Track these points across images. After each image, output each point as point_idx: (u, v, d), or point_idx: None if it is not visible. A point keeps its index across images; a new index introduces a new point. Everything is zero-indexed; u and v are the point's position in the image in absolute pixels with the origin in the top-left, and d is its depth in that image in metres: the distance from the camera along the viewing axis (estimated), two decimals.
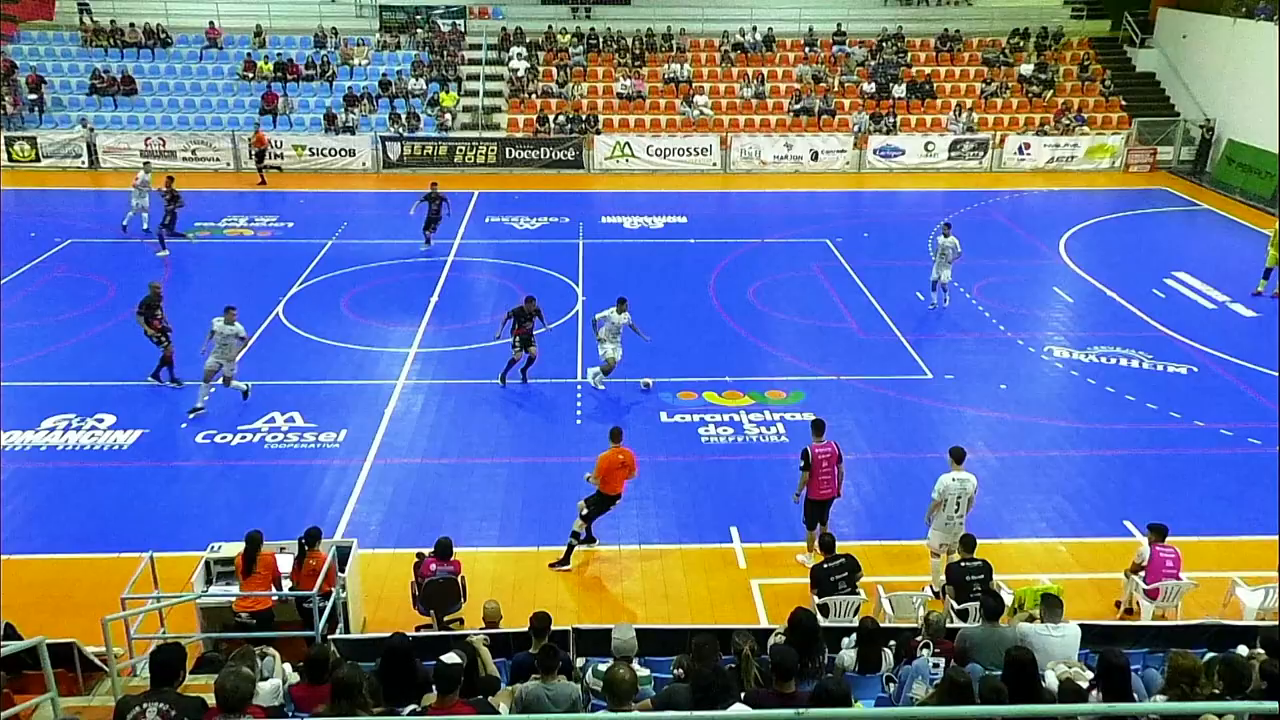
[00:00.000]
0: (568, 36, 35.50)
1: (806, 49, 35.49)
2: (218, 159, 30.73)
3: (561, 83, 33.83)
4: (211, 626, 10.13)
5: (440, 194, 23.63)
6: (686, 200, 29.02)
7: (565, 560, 12.25)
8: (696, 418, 16.07)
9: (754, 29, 35.76)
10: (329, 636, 9.12)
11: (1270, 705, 4.83)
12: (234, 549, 10.11)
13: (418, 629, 10.37)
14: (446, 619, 10.53)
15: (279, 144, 31.03)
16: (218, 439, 15.14)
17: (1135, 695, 6.96)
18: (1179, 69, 34.56)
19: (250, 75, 33.16)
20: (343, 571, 10.22)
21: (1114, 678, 6.68)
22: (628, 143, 32.01)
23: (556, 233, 25.87)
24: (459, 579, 10.57)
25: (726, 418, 16.07)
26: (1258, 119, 30.22)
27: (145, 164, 26.58)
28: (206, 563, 10.44)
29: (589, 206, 28.53)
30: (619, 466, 12.20)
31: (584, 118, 32.57)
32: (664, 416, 16.14)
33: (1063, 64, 35.27)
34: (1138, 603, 11.09)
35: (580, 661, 8.61)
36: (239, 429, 15.39)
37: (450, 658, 6.82)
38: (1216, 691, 6.50)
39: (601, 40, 35.54)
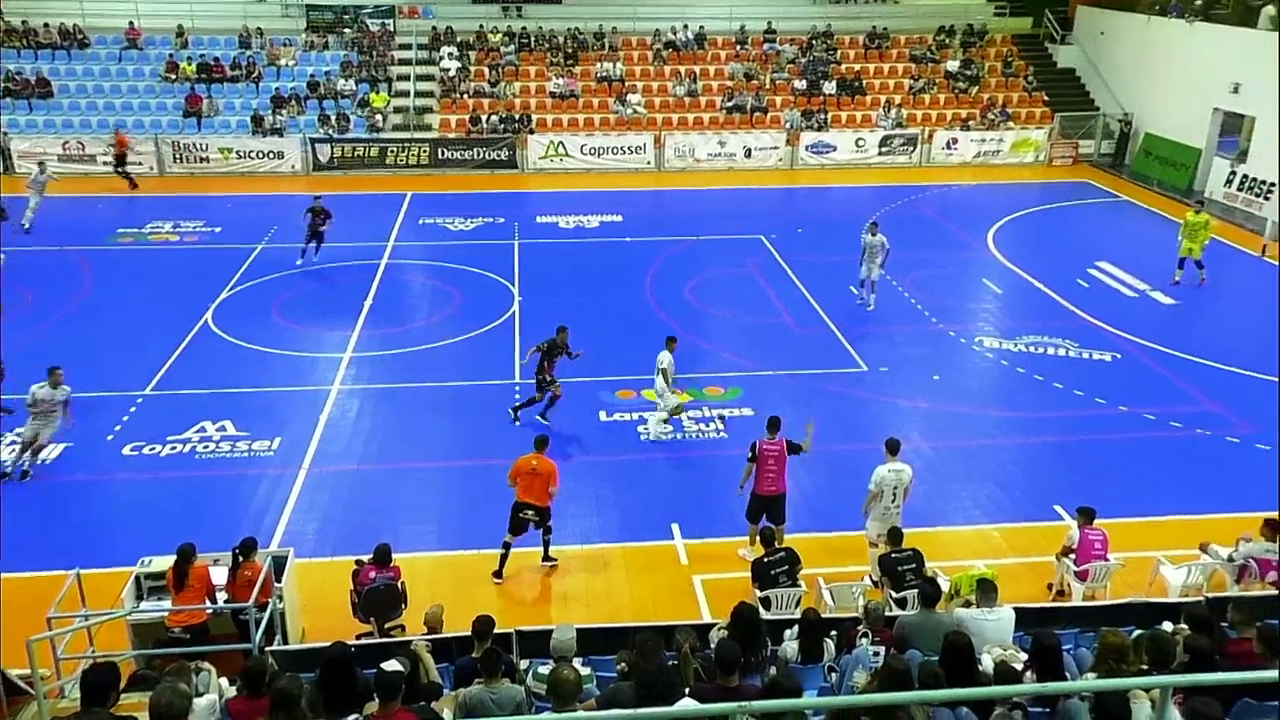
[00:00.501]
0: (499, 36, 35.29)
1: (738, 47, 35.74)
2: (140, 163, 29.95)
3: (494, 82, 33.63)
4: (143, 644, 9.87)
5: (324, 208, 22.25)
6: (621, 199, 29.04)
7: (498, 571, 12.07)
8: (635, 416, 16.09)
9: (685, 27, 35.91)
10: (267, 648, 8.95)
11: (1193, 678, 5.00)
12: (165, 563, 9.88)
13: (358, 637, 10.22)
14: (387, 626, 10.42)
15: (204, 146, 30.38)
16: (146, 450, 14.77)
17: (1067, 674, 7.13)
18: (1097, 65, 35.49)
19: (173, 77, 32.39)
20: (279, 581, 10.05)
21: (1047, 658, 6.85)
22: (561, 142, 31.93)
23: (491, 233, 25.71)
24: (399, 585, 10.46)
25: (669, 416, 16.09)
26: (1172, 113, 31.17)
27: (40, 163, 25.82)
28: (137, 578, 10.19)
29: (523, 206, 28.40)
30: (527, 471, 11.94)
31: (517, 117, 32.40)
32: (603, 416, 16.14)
33: (987, 60, 36.00)
34: (1069, 584, 11.37)
35: (524, 664, 8.58)
36: (168, 439, 15.03)
37: (391, 665, 6.75)
38: (1144, 667, 6.70)
39: (533, 39, 35.40)
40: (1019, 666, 7.18)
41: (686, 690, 6.85)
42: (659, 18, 36.26)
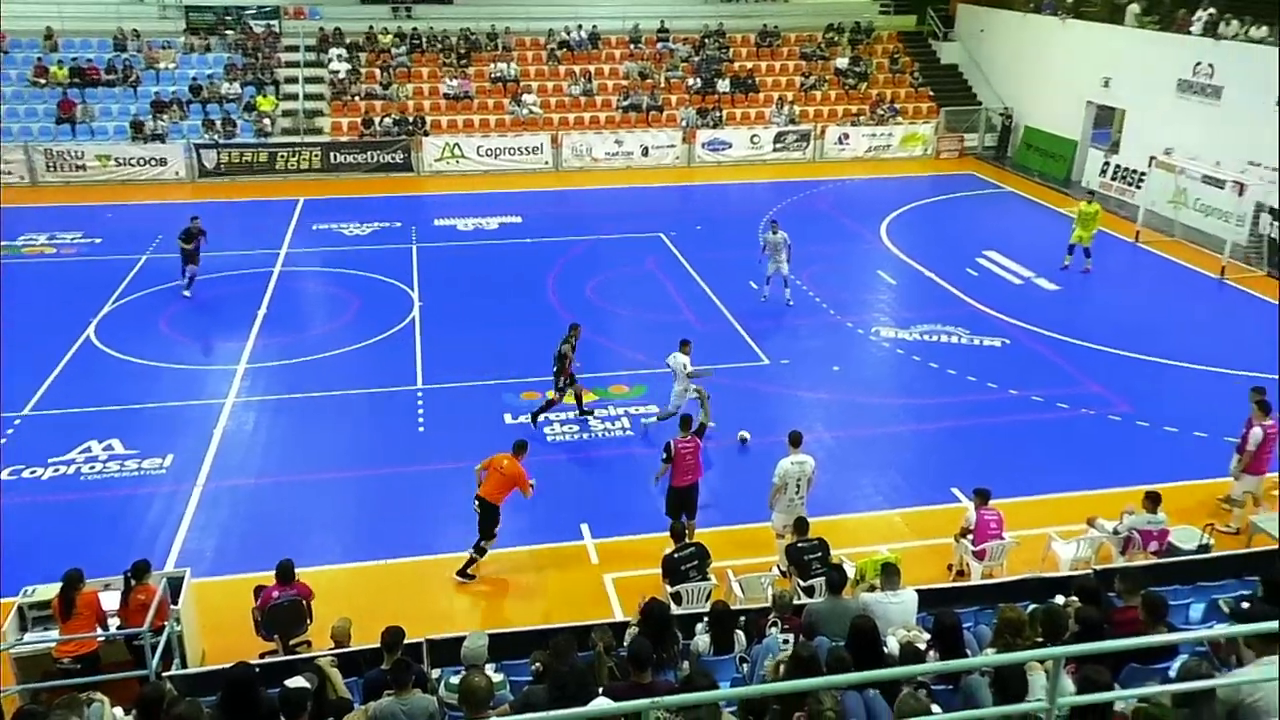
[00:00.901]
0: (389, 37, 34.71)
1: (632, 46, 35.87)
2: (10, 172, 28.57)
3: (385, 84, 33.07)
4: (29, 677, 9.42)
5: (200, 229, 20.72)
6: (520, 200, 28.87)
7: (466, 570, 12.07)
8: (541, 417, 16.01)
9: (579, 27, 35.88)
10: (164, 674, 8.63)
11: (1083, 647, 5.21)
12: (50, 591, 9.45)
13: (262, 656, 9.95)
14: (292, 643, 10.15)
15: (80, 154, 29.14)
16: (26, 474, 14.10)
17: (968, 651, 7.36)
18: (979, 61, 36.69)
19: (43, 81, 30.98)
20: (176, 604, 9.70)
21: (948, 637, 7.06)
22: (457, 144, 31.58)
23: (388, 238, 25.28)
24: (303, 601, 10.21)
25: (572, 414, 16.09)
26: (1049, 107, 32.39)
27: None
28: (20, 608, 9.72)
29: (421, 209, 28.00)
30: (495, 469, 12.03)
31: (411, 119, 31.93)
32: (508, 418, 16.03)
33: (875, 57, 36.87)
34: (967, 564, 11.73)
35: (436, 673, 8.47)
36: (50, 462, 14.38)
37: (295, 682, 6.59)
38: (1039, 639, 6.96)
39: (425, 40, 34.91)
40: (923, 646, 7.38)
41: (600, 690, 6.86)
42: (552, 18, 36.15)
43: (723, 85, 34.63)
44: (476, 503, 12.00)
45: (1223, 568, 10.21)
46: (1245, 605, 7.77)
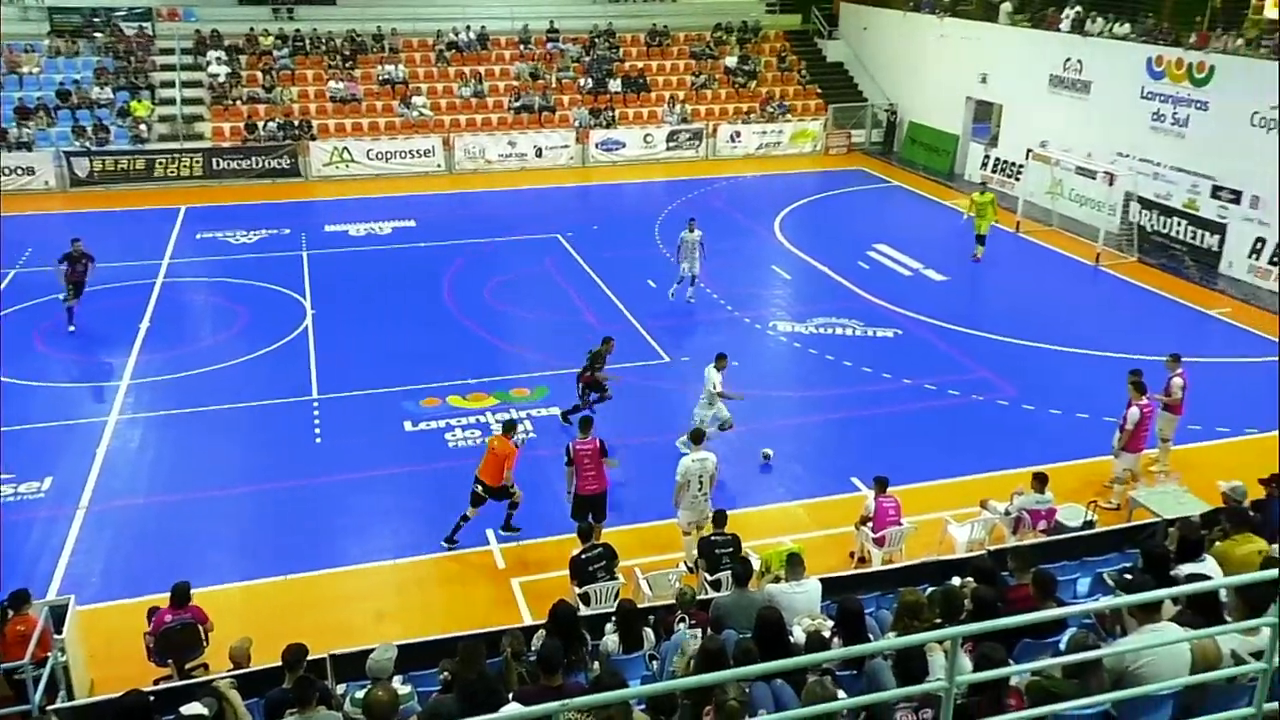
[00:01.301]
0: (270, 39, 33.77)
1: (522, 46, 35.66)
2: None
3: (268, 87, 32.16)
4: None
5: (85, 252, 19.06)
6: (413, 203, 28.44)
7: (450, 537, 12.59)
8: (442, 423, 15.82)
9: (467, 28, 35.50)
10: (48, 707, 8.24)
11: (979, 626, 5.38)
12: None
13: (157, 683, 9.58)
14: (188, 667, 9.80)
15: None
16: None
17: (871, 635, 7.53)
18: (863, 59, 37.58)
19: None
20: (60, 633, 9.27)
21: (850, 623, 7.22)
22: (346, 147, 30.93)
23: (277, 245, 24.62)
24: (199, 625, 9.84)
25: (473, 420, 15.94)
26: (931, 102, 33.38)
27: None
28: None
29: (310, 215, 27.34)
30: (489, 451, 12.47)
31: (296, 123, 31.13)
32: (408, 426, 15.77)
33: (763, 56, 37.41)
34: (868, 551, 12.01)
35: (341, 688, 8.28)
36: None
37: (192, 709, 6.37)
38: (938, 620, 7.16)
39: (308, 42, 34.07)
40: (827, 634, 7.52)
41: (511, 695, 6.80)
42: (439, 18, 35.69)
43: (614, 85, 34.70)
44: (481, 488, 12.42)
45: (1106, 543, 10.68)
46: (1127, 577, 8.14)
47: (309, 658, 8.06)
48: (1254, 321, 20.11)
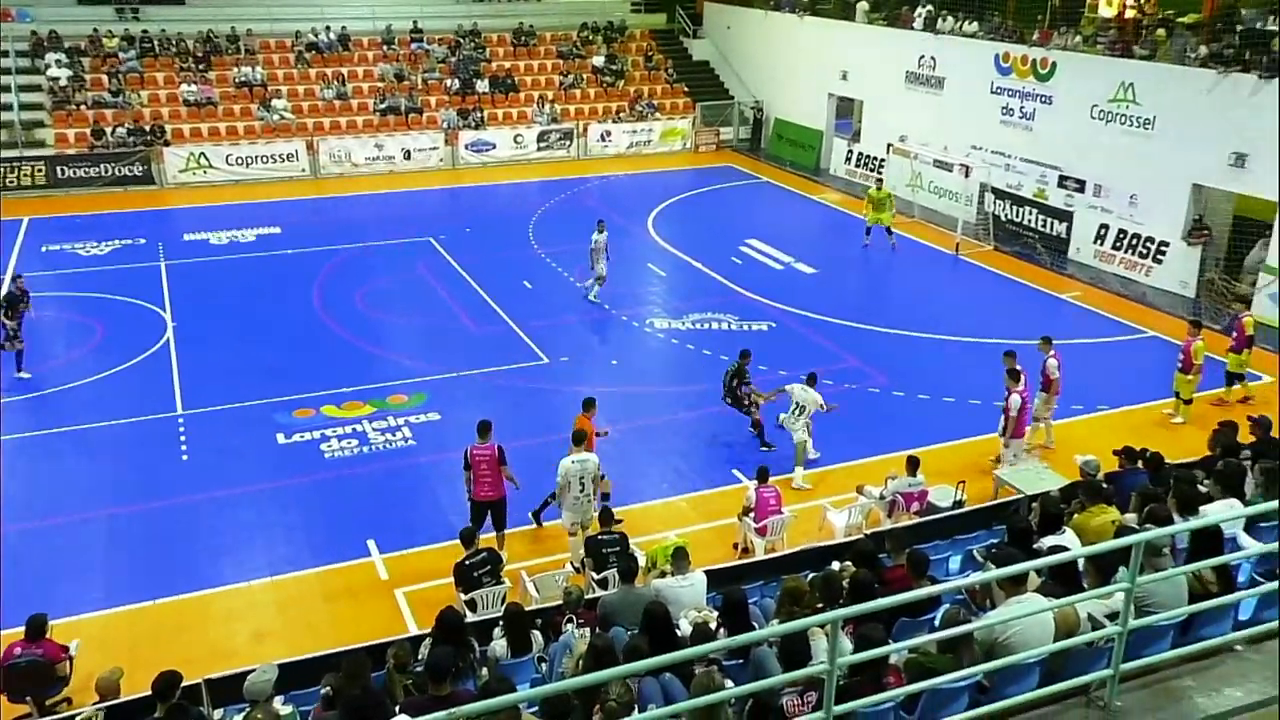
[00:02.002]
0: (116, 40, 32.20)
1: (385, 47, 34.95)
2: None
3: (116, 91, 30.67)
4: None
5: (23, 290, 17.75)
6: (277, 209, 27.58)
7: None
8: (317, 434, 15.41)
9: (327, 28, 34.60)
10: None
11: (858, 608, 5.56)
12: None
13: None
14: (49, 703, 9.29)
15: None
16: None
17: (756, 624, 7.68)
18: (728, 57, 38.20)
19: None
20: None
21: (734, 613, 7.35)
22: (203, 153, 29.77)
23: (132, 256, 23.51)
24: (51, 663, 9.30)
25: (349, 429, 15.57)
26: (795, 99, 34.19)
27: None
28: None
29: (167, 224, 26.22)
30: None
31: (148, 128, 29.79)
32: (281, 438, 15.31)
33: (630, 55, 37.65)
34: (751, 541, 12.23)
35: (218, 714, 7.99)
36: None
37: None
38: (819, 605, 7.35)
39: (157, 43, 32.64)
40: (713, 625, 7.64)
41: (398, 707, 6.69)
42: (297, 18, 34.68)
43: (482, 86, 34.37)
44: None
45: (975, 520, 11.16)
46: (994, 552, 8.52)
47: (183, 684, 7.74)
48: (1101, 304, 21.29)
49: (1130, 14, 24.12)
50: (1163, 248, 21.98)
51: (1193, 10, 23.24)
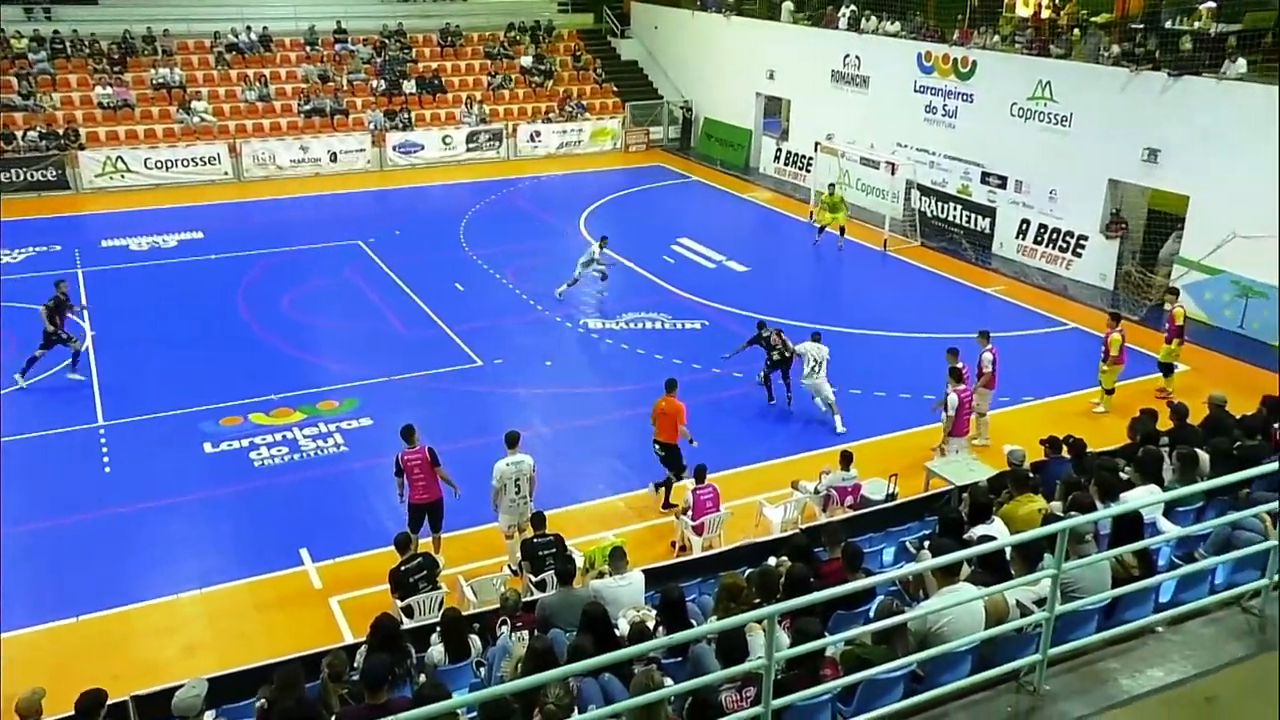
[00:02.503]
0: (25, 41, 31.11)
1: (308, 48, 34.35)
2: None
3: (26, 94, 29.67)
4: None
5: (65, 296, 17.27)
6: (200, 214, 26.94)
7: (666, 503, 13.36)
8: (246, 443, 15.10)
9: (247, 28, 33.89)
10: None
11: (793, 602, 5.61)
12: None
13: None
14: None
15: None
16: None
17: (694, 621, 7.73)
18: (656, 57, 38.32)
19: None
20: None
21: (671, 610, 7.38)
22: (120, 156, 28.96)
23: (47, 263, 22.74)
24: None
25: (279, 437, 15.29)
26: (724, 98, 34.41)
27: None
28: None
29: (84, 231, 25.44)
30: (659, 413, 13.41)
31: (62, 132, 28.89)
32: (208, 447, 14.97)
33: (558, 55, 37.54)
34: (689, 540, 12.28)
35: None
36: None
37: None
38: (757, 601, 7.42)
39: (69, 44, 31.64)
40: (652, 624, 7.66)
41: (334, 717, 6.59)
42: (216, 18, 33.91)
43: (409, 86, 33.98)
44: (657, 446, 13.43)
45: (907, 512, 11.35)
46: (927, 544, 8.68)
47: (109, 702, 7.53)
48: (1024, 297, 21.80)
49: (1046, 14, 24.76)
50: (1082, 241, 22.59)
51: (1105, 10, 23.95)
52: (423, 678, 7.83)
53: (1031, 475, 10.02)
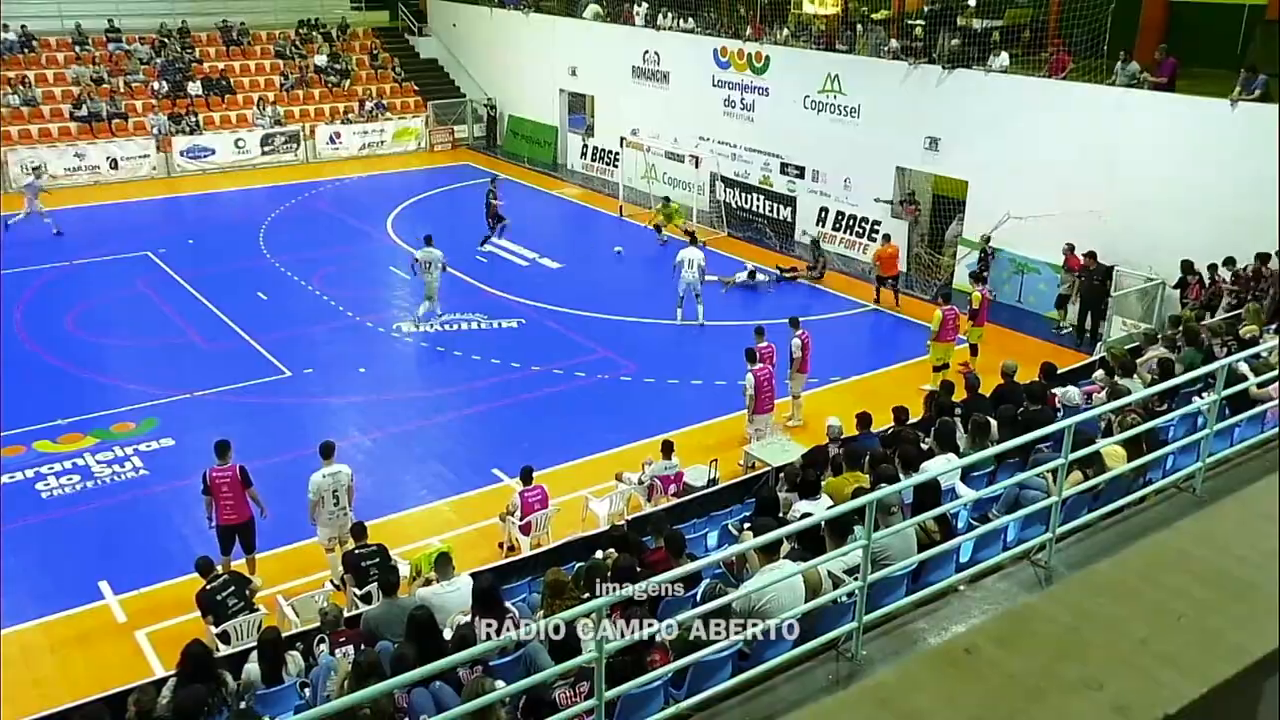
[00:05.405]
0: None
1: (77, 48, 31.93)
2: None
3: None
4: None
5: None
6: None
7: None
8: (31, 473, 13.98)
9: (6, 28, 31.18)
10: None
11: (620, 594, 5.69)
12: None
13: None
14: None
15: None
16: None
17: (524, 622, 7.69)
18: (456, 55, 37.74)
19: None
20: None
21: (485, 600, 7.35)
22: None
23: None
24: None
25: (69, 464, 14.24)
26: (528, 96, 34.30)
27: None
28: None
29: None
30: (886, 256, 14.20)
31: None
32: None
33: (354, 54, 36.38)
34: (516, 539, 12.23)
35: None
36: None
37: None
38: (584, 596, 7.47)
39: None
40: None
41: None
42: None
43: (194, 88, 32.15)
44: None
45: (729, 496, 11.69)
46: (747, 525, 8.96)
47: None
48: (828, 282, 22.75)
49: (833, 10, 25.93)
50: (876, 226, 23.81)
51: (884, 7, 25.32)
52: (245, 704, 7.48)
53: (840, 449, 10.49)
